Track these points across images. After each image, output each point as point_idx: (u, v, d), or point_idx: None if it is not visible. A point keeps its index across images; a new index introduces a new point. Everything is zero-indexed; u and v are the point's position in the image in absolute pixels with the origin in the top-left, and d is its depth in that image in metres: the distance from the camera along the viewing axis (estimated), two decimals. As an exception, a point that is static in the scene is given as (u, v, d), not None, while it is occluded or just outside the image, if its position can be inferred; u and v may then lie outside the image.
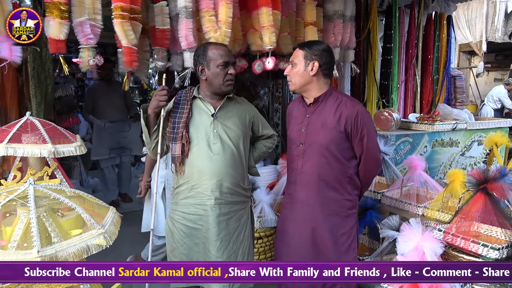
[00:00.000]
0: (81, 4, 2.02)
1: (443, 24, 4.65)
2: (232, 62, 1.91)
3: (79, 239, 1.20)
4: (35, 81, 2.48)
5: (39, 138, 1.85)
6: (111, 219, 1.34)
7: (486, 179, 1.87)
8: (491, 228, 1.93)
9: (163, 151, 1.98)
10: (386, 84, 4.34)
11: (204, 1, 2.33)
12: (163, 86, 1.84)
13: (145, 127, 1.91)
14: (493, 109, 7.88)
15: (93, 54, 2.11)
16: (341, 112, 1.88)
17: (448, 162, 3.81)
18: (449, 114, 3.98)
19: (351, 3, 3.01)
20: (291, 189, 2.05)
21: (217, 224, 1.88)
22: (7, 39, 1.94)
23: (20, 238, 1.18)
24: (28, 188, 1.25)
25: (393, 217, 2.25)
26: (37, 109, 2.48)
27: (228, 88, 1.92)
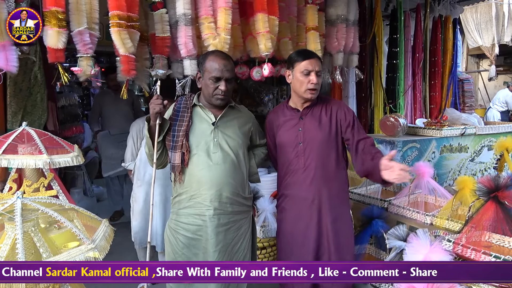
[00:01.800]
0: (79, 13, 2.00)
1: (449, 27, 4.59)
2: (226, 78, 1.84)
3: (67, 254, 1.15)
4: (11, 90, 2.42)
5: (35, 148, 1.82)
6: (102, 233, 1.29)
7: (497, 186, 1.80)
8: (503, 238, 1.85)
9: (166, 162, 1.95)
10: (392, 89, 4.27)
11: (203, 8, 2.30)
12: (157, 95, 1.82)
13: (148, 139, 1.87)
14: (499, 111, 7.78)
15: (92, 63, 2.08)
16: (331, 108, 2.06)
17: (457, 168, 3.71)
18: (458, 119, 3.88)
19: (354, 7, 2.97)
20: (291, 190, 2.07)
21: (216, 235, 1.84)
22: (3, 49, 1.92)
23: (6, 255, 1.14)
24: (15, 201, 1.20)
25: (400, 227, 2.17)
26: (11, 119, 2.42)
27: (217, 102, 1.88)
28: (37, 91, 2.55)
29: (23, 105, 2.49)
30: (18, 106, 2.46)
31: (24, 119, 2.47)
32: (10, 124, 2.41)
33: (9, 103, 2.43)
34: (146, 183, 2.59)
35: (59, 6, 1.95)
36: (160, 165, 1.96)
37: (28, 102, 2.53)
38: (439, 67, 4.58)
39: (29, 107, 2.53)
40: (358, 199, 2.79)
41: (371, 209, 2.45)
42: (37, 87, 2.55)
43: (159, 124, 1.82)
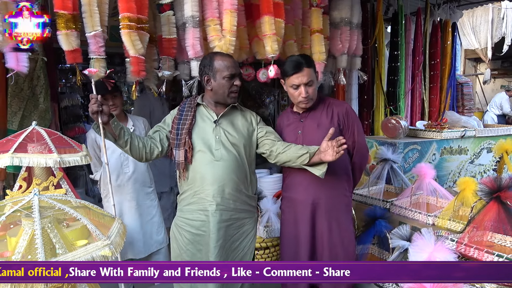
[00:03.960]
0: (94, 15, 2.01)
1: (448, 31, 4.64)
2: (238, 74, 1.92)
3: (84, 250, 1.18)
4: (12, 89, 2.41)
5: (45, 147, 1.84)
6: (116, 230, 1.32)
7: (499, 187, 1.84)
8: (505, 238, 1.89)
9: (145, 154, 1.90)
10: (393, 91, 4.31)
11: (209, 10, 2.33)
12: (92, 95, 1.75)
13: (114, 142, 1.83)
14: (496, 115, 7.84)
15: (105, 65, 2.10)
16: (332, 110, 2.04)
17: (457, 170, 3.75)
18: (457, 122, 3.93)
19: (357, 10, 3.00)
20: (291, 192, 2.10)
21: (217, 230, 1.87)
22: (13, 49, 1.93)
23: (24, 250, 1.17)
24: (33, 198, 1.23)
25: (404, 227, 2.20)
26: (10, 119, 2.41)
27: (233, 100, 1.94)
28: (40, 91, 2.54)
29: (23, 105, 2.47)
30: (18, 106, 2.45)
31: (25, 119, 2.47)
32: (10, 123, 2.40)
33: (10, 102, 2.41)
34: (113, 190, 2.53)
35: (66, 9, 1.97)
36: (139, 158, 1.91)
37: (30, 102, 2.52)
38: (438, 70, 4.63)
39: (30, 107, 2.51)
40: (360, 199, 2.82)
41: (374, 209, 2.49)
42: (40, 87, 2.54)
43: (105, 123, 1.74)
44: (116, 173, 2.51)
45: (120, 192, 2.52)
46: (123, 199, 2.54)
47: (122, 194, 2.53)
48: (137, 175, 2.57)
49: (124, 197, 2.54)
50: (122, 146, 1.84)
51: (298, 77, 1.93)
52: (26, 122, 2.46)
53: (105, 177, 2.41)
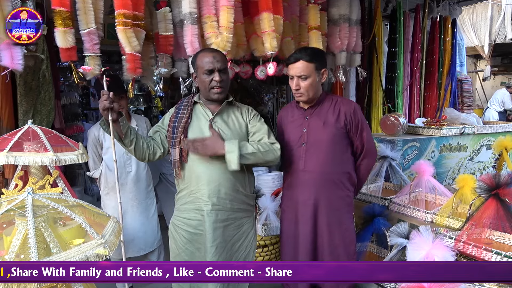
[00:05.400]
0: (88, 12, 2.00)
1: (448, 28, 4.61)
2: (218, 69, 1.83)
3: (78, 250, 1.17)
4: (21, 88, 2.44)
5: (41, 146, 1.83)
6: (111, 229, 1.31)
7: (497, 184, 1.83)
8: (503, 235, 1.87)
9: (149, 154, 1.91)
10: (391, 88, 4.30)
11: (206, 7, 2.32)
12: (103, 91, 1.76)
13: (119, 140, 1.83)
14: (497, 111, 7.82)
15: (100, 62, 2.09)
16: (339, 109, 1.99)
17: (457, 167, 3.74)
18: (457, 119, 3.92)
19: (356, 7, 2.98)
20: (291, 191, 2.07)
21: (213, 230, 1.85)
22: (8, 47, 1.92)
23: (18, 249, 1.16)
24: (26, 197, 1.22)
25: (402, 224, 2.19)
26: (23, 117, 2.43)
27: (215, 96, 1.88)
28: (46, 90, 2.57)
29: (33, 104, 2.51)
30: (29, 105, 2.48)
31: (35, 117, 2.51)
32: (21, 122, 2.42)
33: (20, 102, 2.44)
34: (112, 189, 2.54)
35: (63, 6, 1.96)
36: (143, 158, 1.91)
37: (38, 100, 2.55)
38: (434, 67, 4.61)
39: (38, 105, 2.55)
40: (359, 197, 2.81)
41: (373, 207, 2.48)
42: (46, 85, 2.56)
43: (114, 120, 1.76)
44: (119, 172, 2.51)
45: (122, 190, 2.54)
46: (125, 198, 2.56)
47: (124, 192, 2.55)
48: (139, 174, 2.60)
49: (126, 195, 2.57)
50: (127, 145, 1.84)
51: (292, 68, 1.94)
52: (36, 120, 2.52)
53: (112, 174, 2.47)
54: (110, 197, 2.57)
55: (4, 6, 1.96)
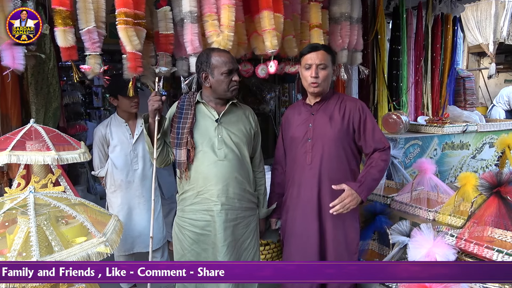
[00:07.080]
0: (88, 11, 2.01)
1: (449, 25, 4.59)
2: (235, 69, 1.89)
3: (79, 248, 1.18)
4: (33, 88, 2.48)
5: (43, 145, 1.84)
6: (112, 227, 1.31)
7: (499, 182, 1.82)
8: (505, 233, 1.87)
9: (168, 160, 1.96)
10: (395, 86, 4.28)
11: (207, 6, 2.31)
12: (155, 92, 1.84)
13: (147, 136, 1.89)
14: (504, 110, 7.74)
15: (100, 61, 2.09)
16: (345, 106, 1.99)
17: (459, 165, 3.73)
18: (459, 116, 3.90)
19: (357, 5, 2.97)
20: (295, 189, 2.06)
21: (224, 230, 1.86)
22: (9, 47, 1.93)
23: (20, 247, 1.17)
24: (28, 196, 1.23)
25: (404, 222, 2.19)
26: (35, 116, 2.47)
27: (233, 94, 1.93)
28: (54, 89, 2.61)
29: (44, 103, 2.56)
30: (40, 104, 2.53)
31: (45, 115, 2.57)
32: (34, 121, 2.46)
33: (32, 101, 2.49)
34: (119, 187, 2.58)
35: (63, 5, 1.96)
36: (162, 163, 1.96)
37: (47, 99, 2.61)
38: (436, 65, 4.59)
39: (47, 104, 2.60)
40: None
41: (374, 205, 2.48)
42: (54, 85, 2.61)
43: (158, 120, 1.83)
44: (126, 170, 2.59)
45: (129, 188, 2.61)
46: (132, 195, 2.61)
47: (131, 190, 2.60)
48: (146, 172, 2.63)
49: (134, 193, 2.61)
50: (158, 146, 1.87)
51: (312, 56, 1.93)
52: (46, 119, 2.57)
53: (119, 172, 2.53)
54: (117, 195, 2.60)
55: (5, 7, 1.97)
